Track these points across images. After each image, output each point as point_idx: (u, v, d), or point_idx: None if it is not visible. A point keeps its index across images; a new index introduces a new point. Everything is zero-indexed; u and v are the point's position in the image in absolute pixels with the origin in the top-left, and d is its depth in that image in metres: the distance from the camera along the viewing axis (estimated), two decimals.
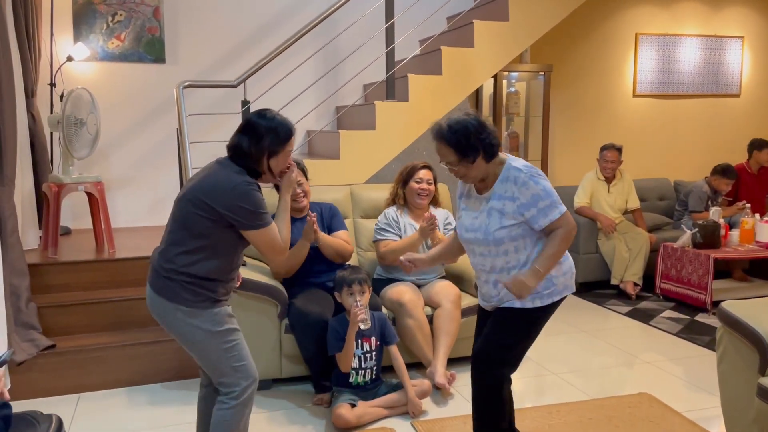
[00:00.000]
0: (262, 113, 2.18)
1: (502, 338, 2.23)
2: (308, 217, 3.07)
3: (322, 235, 3.17)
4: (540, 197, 2.12)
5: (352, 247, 3.35)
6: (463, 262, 3.62)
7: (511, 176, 2.15)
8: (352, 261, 3.55)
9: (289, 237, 2.22)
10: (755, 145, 5.55)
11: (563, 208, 2.15)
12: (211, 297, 2.12)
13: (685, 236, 4.73)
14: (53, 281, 3.61)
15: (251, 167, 2.13)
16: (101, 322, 3.48)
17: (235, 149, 2.14)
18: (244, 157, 2.13)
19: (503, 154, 2.21)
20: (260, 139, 2.11)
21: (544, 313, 2.24)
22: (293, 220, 3.27)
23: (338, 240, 3.26)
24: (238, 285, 2.31)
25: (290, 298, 3.18)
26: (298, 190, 3.22)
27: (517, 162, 2.18)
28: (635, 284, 4.91)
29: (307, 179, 3.30)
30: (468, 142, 2.10)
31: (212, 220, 2.05)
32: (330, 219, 3.35)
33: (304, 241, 3.12)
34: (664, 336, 4.08)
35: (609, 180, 5.10)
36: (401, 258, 2.51)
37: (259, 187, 2.15)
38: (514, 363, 2.26)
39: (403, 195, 3.49)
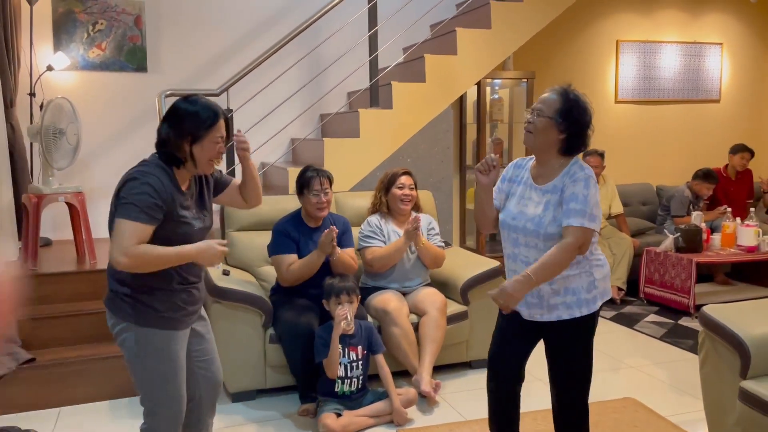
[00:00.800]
0: (186, 97, 2.04)
1: (572, 356, 2.14)
2: (331, 230, 3.02)
3: (338, 250, 3.13)
4: (577, 198, 2.01)
5: (357, 266, 3.32)
6: (447, 269, 3.62)
7: (571, 170, 2.07)
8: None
9: (166, 257, 1.92)
10: (730, 150, 5.63)
11: (589, 225, 1.99)
12: (148, 312, 1.97)
13: (668, 241, 4.78)
14: (33, 293, 3.55)
15: (172, 154, 2.00)
16: (82, 334, 3.43)
17: (157, 137, 2.03)
18: (163, 143, 2.01)
19: (577, 157, 2.13)
20: (180, 123, 1.98)
21: (594, 319, 2.14)
22: (308, 229, 3.24)
23: (346, 257, 3.22)
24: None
25: (276, 307, 3.16)
26: (324, 199, 3.17)
27: (583, 163, 2.11)
28: (619, 289, 4.94)
29: (331, 188, 3.25)
30: (572, 117, 2.04)
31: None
32: (341, 234, 3.26)
33: (320, 253, 3.08)
34: (648, 340, 4.11)
35: None
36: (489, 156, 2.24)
37: (175, 185, 1.98)
38: (590, 378, 2.17)
39: (386, 202, 3.48)
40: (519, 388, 2.31)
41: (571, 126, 2.04)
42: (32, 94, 4.41)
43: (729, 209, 5.14)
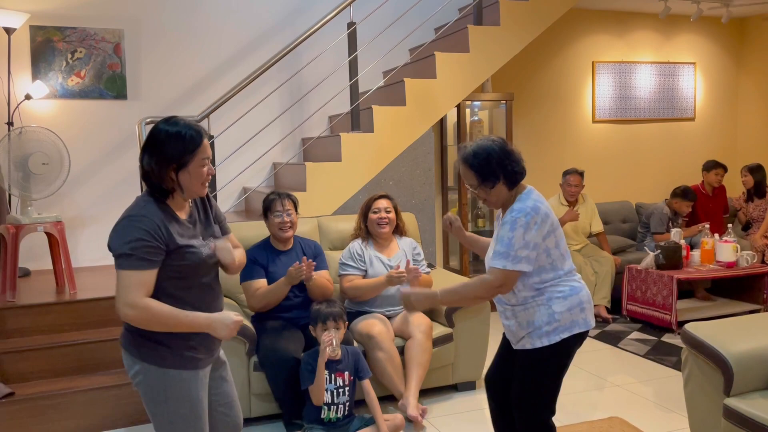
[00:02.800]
0: (165, 120, 1.89)
1: (525, 384, 2.21)
2: (308, 264, 3.02)
3: (314, 276, 3.14)
4: (502, 241, 2.09)
5: (333, 287, 3.32)
6: None
7: (508, 214, 2.13)
8: None
9: (177, 320, 1.83)
10: (704, 167, 5.73)
11: (510, 266, 2.05)
12: (166, 353, 1.87)
13: (649, 258, 4.83)
14: (12, 326, 3.49)
15: (158, 186, 1.86)
16: (62, 366, 3.37)
17: (141, 168, 1.88)
18: (147, 175, 1.86)
19: (525, 187, 2.22)
20: (162, 148, 1.83)
21: (556, 352, 2.16)
22: (277, 253, 3.26)
23: (323, 280, 3.24)
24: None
25: (259, 334, 3.13)
26: (287, 219, 3.20)
27: (522, 203, 2.13)
28: (606, 308, 4.97)
29: (296, 211, 3.28)
30: (489, 167, 2.13)
31: None
32: (314, 257, 3.28)
33: (287, 282, 3.07)
34: (632, 358, 4.13)
35: (572, 204, 5.19)
36: (447, 215, 2.44)
37: (172, 217, 1.86)
38: (548, 404, 2.22)
39: (365, 228, 3.50)
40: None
41: (496, 173, 2.14)
42: (10, 123, 4.38)
43: (707, 225, 5.21)
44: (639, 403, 3.40)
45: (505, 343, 2.37)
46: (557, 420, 3.19)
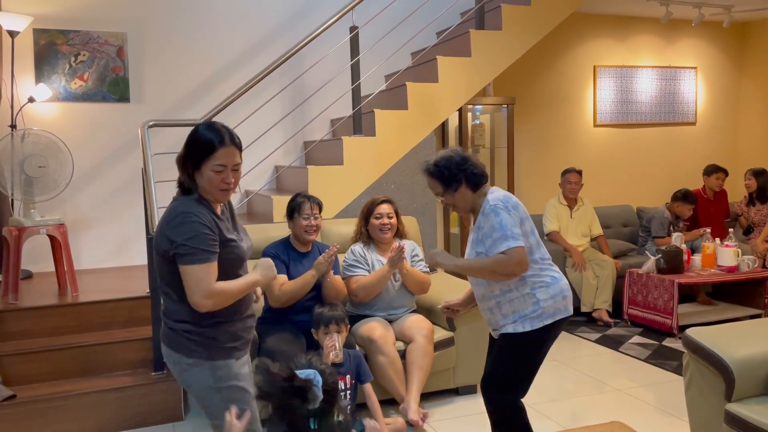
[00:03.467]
0: (205, 123, 1.99)
1: (498, 363, 2.39)
2: (332, 249, 3.08)
3: (332, 273, 3.19)
4: (494, 229, 2.26)
5: (345, 292, 3.35)
6: (433, 295, 3.63)
7: (485, 208, 2.32)
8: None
9: (241, 289, 1.98)
10: (704, 171, 5.74)
11: (515, 243, 2.24)
12: (213, 345, 1.96)
13: (650, 262, 4.83)
14: (14, 328, 3.50)
15: (182, 185, 1.98)
16: (65, 369, 3.38)
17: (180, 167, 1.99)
18: (181, 173, 1.98)
19: (488, 186, 2.39)
20: (184, 153, 1.94)
21: (536, 337, 2.33)
22: (297, 253, 3.29)
23: (339, 279, 3.29)
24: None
25: (262, 337, 3.13)
26: (313, 222, 3.23)
27: (494, 194, 2.34)
28: (608, 311, 4.98)
29: (320, 216, 3.30)
30: (450, 172, 2.32)
31: (169, 260, 1.91)
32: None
33: (315, 273, 3.13)
34: (633, 362, 4.13)
35: (571, 205, 5.21)
36: (442, 307, 2.65)
37: (213, 213, 1.94)
38: (514, 387, 2.38)
39: (366, 232, 3.50)
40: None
41: (457, 177, 2.33)
42: (13, 126, 4.39)
43: (708, 230, 5.22)
44: (640, 408, 3.40)
45: (492, 344, 2.51)
46: (557, 424, 3.19)
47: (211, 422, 2.06)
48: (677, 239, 4.99)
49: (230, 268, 1.97)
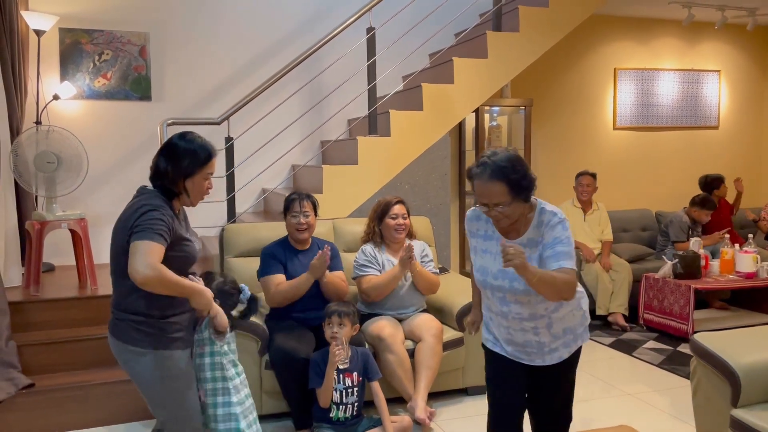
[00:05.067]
0: (182, 135, 2.19)
1: (566, 395, 2.26)
2: (323, 253, 3.09)
3: (327, 274, 3.19)
4: (561, 241, 1.99)
5: (347, 287, 3.36)
6: (443, 295, 3.64)
7: (545, 220, 2.03)
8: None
9: (180, 286, 2.08)
10: (700, 185, 5.70)
11: (573, 268, 2.00)
12: (160, 336, 2.09)
13: (666, 267, 4.79)
14: (35, 319, 3.60)
15: (167, 188, 2.15)
16: (82, 360, 3.47)
17: (153, 170, 2.17)
18: (161, 177, 2.15)
19: (533, 198, 2.09)
20: (178, 161, 2.14)
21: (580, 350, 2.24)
22: (295, 252, 3.31)
23: (337, 280, 3.28)
24: (222, 323, 2.27)
25: (271, 333, 3.18)
26: (303, 221, 3.25)
27: (548, 206, 2.08)
28: (623, 315, 4.94)
29: (316, 214, 3.32)
30: (525, 180, 1.96)
31: (127, 252, 2.02)
32: (330, 259, 3.28)
33: (310, 276, 3.14)
34: (646, 367, 4.10)
35: (585, 208, 5.19)
36: (469, 326, 2.43)
37: (173, 213, 2.13)
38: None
39: (379, 232, 3.52)
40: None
41: (528, 187, 1.99)
42: (38, 123, 4.51)
43: (728, 235, 5.15)
44: (650, 413, 3.38)
45: (496, 368, 2.22)
46: None
47: (152, 410, 2.18)
48: (695, 244, 4.93)
49: (181, 265, 2.14)
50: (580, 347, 2.23)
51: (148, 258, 1.96)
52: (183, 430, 2.16)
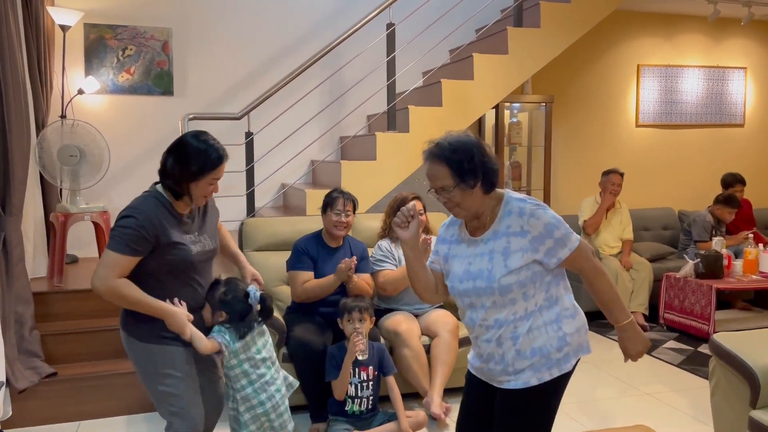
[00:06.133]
0: (196, 134, 2.11)
1: (523, 428, 1.85)
2: (349, 261, 3.08)
3: (355, 280, 3.19)
4: (554, 226, 1.79)
5: (372, 291, 3.36)
6: None
7: (514, 209, 1.83)
8: None
9: (144, 304, 2.06)
10: (722, 183, 5.59)
11: (578, 237, 1.85)
12: (152, 332, 2.10)
13: (688, 266, 4.73)
14: (58, 309, 3.67)
15: (172, 187, 2.10)
16: (103, 350, 3.53)
17: (161, 167, 2.12)
18: (167, 176, 2.10)
19: (500, 189, 1.90)
20: (187, 163, 2.07)
21: (561, 383, 1.86)
22: (327, 249, 3.32)
23: (363, 283, 3.27)
24: (206, 318, 2.22)
25: (290, 326, 3.21)
26: (344, 219, 3.24)
27: (515, 194, 1.88)
28: (643, 315, 4.89)
29: (354, 213, 3.32)
30: (470, 163, 1.79)
31: None
32: (359, 260, 3.30)
33: (337, 279, 3.14)
34: (666, 367, 4.06)
35: (608, 208, 5.14)
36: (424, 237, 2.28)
37: (173, 214, 2.09)
38: None
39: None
40: None
41: (475, 170, 1.81)
42: (63, 117, 4.58)
43: (751, 235, 5.07)
44: (668, 413, 3.35)
45: (476, 387, 1.97)
46: (582, 426, 3.17)
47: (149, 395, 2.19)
48: (718, 244, 4.86)
49: (174, 267, 2.11)
50: (558, 381, 1.83)
51: (104, 271, 1.98)
52: (179, 428, 2.14)
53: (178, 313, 2.09)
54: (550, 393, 1.84)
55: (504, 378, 1.86)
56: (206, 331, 2.24)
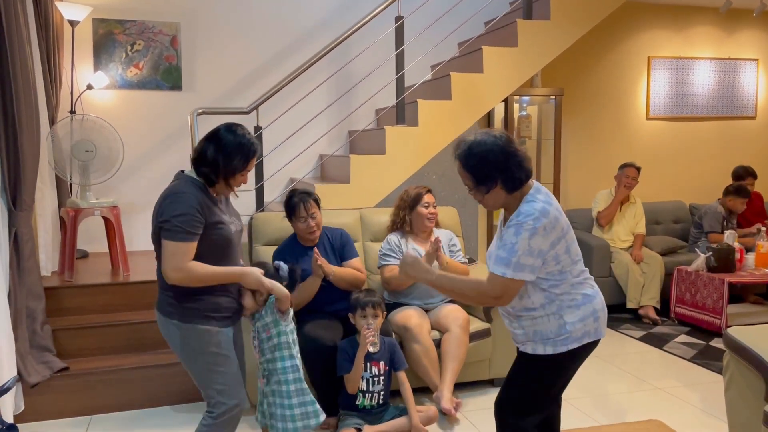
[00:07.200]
0: (232, 128, 2.20)
1: (513, 385, 2.08)
2: (313, 254, 3.04)
3: (334, 269, 3.15)
4: (505, 246, 1.90)
5: (365, 275, 3.33)
6: None
7: (513, 218, 1.93)
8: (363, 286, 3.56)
9: (216, 276, 2.16)
10: (733, 175, 5.54)
11: (511, 274, 1.88)
12: (198, 312, 2.16)
13: (699, 260, 4.69)
14: (69, 304, 3.69)
15: (209, 176, 2.18)
16: (114, 344, 3.54)
17: (199, 156, 2.19)
18: (206, 164, 2.17)
19: (532, 188, 1.98)
20: (229, 156, 2.16)
21: (557, 362, 2.00)
22: (304, 249, 3.27)
23: (349, 270, 3.23)
24: (247, 304, 2.28)
25: (300, 323, 3.20)
26: (312, 223, 3.19)
27: (532, 204, 1.92)
28: (654, 308, 4.87)
29: (319, 209, 3.27)
30: (485, 170, 1.90)
31: (158, 237, 2.13)
32: (341, 247, 3.30)
33: (315, 277, 3.11)
34: (677, 361, 4.03)
35: (622, 201, 5.11)
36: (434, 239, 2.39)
37: (209, 197, 2.17)
38: (528, 412, 2.05)
39: (409, 221, 3.49)
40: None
41: (493, 177, 1.91)
42: (72, 112, 4.59)
43: (764, 228, 5.02)
44: (681, 407, 3.33)
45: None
46: (594, 420, 3.16)
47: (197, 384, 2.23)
48: (730, 237, 4.82)
49: (217, 247, 2.18)
50: (554, 358, 1.99)
51: (175, 260, 2.08)
52: (224, 405, 2.20)
53: (250, 270, 2.19)
54: (542, 367, 2.02)
55: (518, 344, 2.11)
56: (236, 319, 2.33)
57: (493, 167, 1.90)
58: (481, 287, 1.95)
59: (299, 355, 2.40)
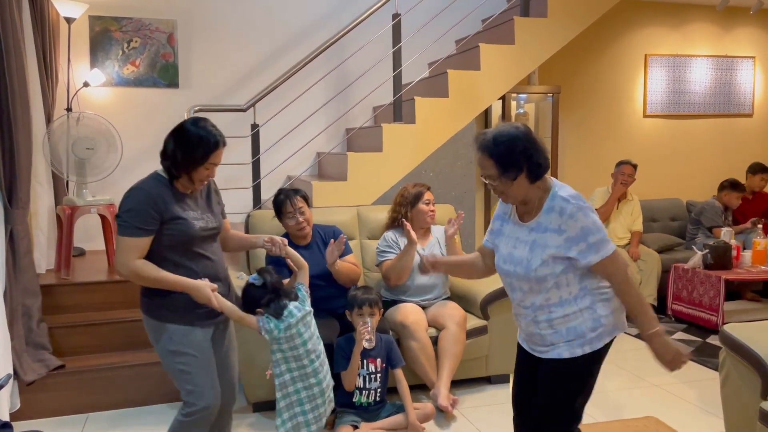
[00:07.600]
0: (195, 120, 2.19)
1: (558, 397, 2.02)
2: (340, 239, 3.08)
3: (338, 263, 3.16)
4: (590, 231, 1.90)
5: (361, 270, 3.35)
6: (467, 283, 3.63)
7: (556, 207, 1.93)
8: (359, 282, 3.56)
9: (163, 281, 2.12)
10: (749, 169, 5.53)
11: (613, 246, 1.93)
12: (167, 309, 2.16)
13: (696, 257, 4.70)
14: (65, 302, 3.68)
15: (170, 170, 2.18)
16: (111, 342, 3.54)
17: (162, 150, 2.20)
18: (166, 158, 2.18)
19: (549, 179, 2.00)
20: (185, 147, 2.14)
21: (597, 359, 2.01)
22: (298, 248, 3.27)
23: (347, 265, 3.25)
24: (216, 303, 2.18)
25: None
26: (301, 219, 3.19)
27: (564, 190, 1.97)
28: (652, 306, 4.88)
29: (309, 206, 3.27)
30: (512, 156, 1.91)
31: None
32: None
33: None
34: None
35: (620, 198, 5.12)
36: (425, 255, 2.35)
37: (173, 191, 2.17)
38: (576, 418, 2.06)
39: (409, 218, 3.49)
40: None
41: (519, 163, 1.92)
42: (69, 110, 4.57)
43: (760, 225, 5.04)
44: (677, 404, 3.33)
45: (524, 359, 2.15)
46: (591, 417, 3.16)
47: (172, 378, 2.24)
48: (726, 234, 4.83)
49: (177, 242, 2.16)
50: (591, 357, 1.98)
51: (123, 255, 2.09)
52: (193, 406, 2.19)
53: (200, 285, 2.14)
54: (582, 366, 1.99)
55: (542, 349, 2.04)
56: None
57: (520, 154, 1.91)
58: (624, 274, 1.94)
59: (284, 377, 2.32)
